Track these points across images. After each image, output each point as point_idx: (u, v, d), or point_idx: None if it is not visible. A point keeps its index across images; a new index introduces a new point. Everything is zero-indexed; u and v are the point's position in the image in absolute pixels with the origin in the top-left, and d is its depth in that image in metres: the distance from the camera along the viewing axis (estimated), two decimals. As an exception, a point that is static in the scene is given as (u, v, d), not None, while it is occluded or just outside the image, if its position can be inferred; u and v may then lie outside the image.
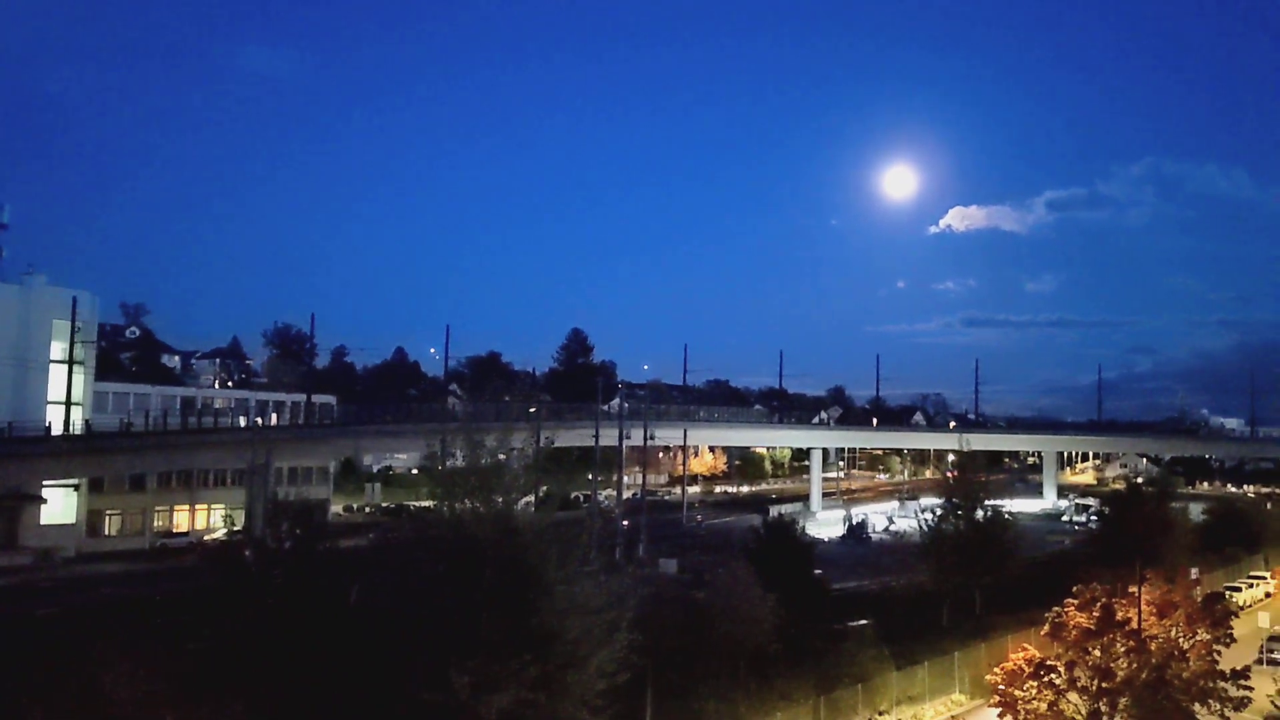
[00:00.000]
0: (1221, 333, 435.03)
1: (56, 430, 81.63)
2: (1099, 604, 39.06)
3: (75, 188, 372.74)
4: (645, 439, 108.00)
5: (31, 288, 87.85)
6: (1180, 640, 39.09)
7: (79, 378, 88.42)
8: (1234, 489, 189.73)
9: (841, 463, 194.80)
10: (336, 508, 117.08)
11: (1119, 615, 38.70)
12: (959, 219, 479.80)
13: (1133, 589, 40.25)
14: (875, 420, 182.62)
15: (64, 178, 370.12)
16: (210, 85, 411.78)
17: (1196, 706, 36.99)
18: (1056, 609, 41.17)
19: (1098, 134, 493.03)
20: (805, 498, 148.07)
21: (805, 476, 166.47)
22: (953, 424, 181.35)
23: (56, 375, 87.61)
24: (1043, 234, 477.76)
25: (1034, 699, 37.27)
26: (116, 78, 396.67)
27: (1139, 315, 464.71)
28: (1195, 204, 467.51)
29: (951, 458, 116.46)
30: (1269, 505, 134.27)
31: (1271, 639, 58.96)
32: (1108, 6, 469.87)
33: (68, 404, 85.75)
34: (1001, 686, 38.80)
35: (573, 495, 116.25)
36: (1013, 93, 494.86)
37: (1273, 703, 42.32)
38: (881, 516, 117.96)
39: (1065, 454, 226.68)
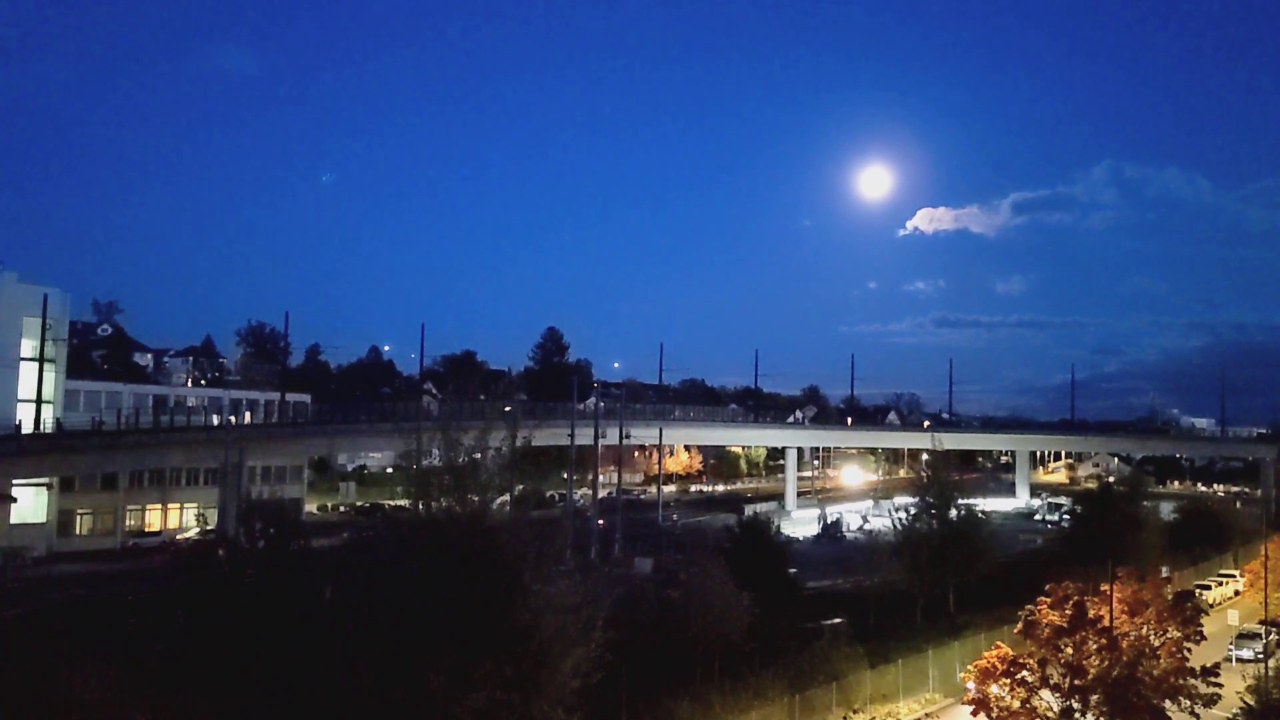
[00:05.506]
0: (1188, 334, 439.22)
1: (27, 428, 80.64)
2: (1071, 602, 39.34)
3: (47, 185, 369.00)
4: (621, 438, 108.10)
5: (2, 284, 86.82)
6: (1151, 638, 39.38)
7: (50, 375, 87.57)
8: (1204, 488, 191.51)
9: (816, 462, 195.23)
10: (311, 507, 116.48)
11: (1091, 613, 38.98)
12: (927, 221, 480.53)
13: (1104, 587, 40.52)
14: (850, 420, 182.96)
15: (35, 175, 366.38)
16: (185, 83, 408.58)
17: (1167, 703, 37.26)
18: (1029, 607, 41.38)
19: (1060, 137, 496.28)
20: (780, 497, 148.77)
21: (780, 476, 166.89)
22: (926, 423, 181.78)
23: (27, 373, 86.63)
24: (1010, 236, 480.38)
25: (1007, 697, 37.53)
26: (89, 74, 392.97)
27: (1107, 316, 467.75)
28: (1156, 207, 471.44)
29: (925, 457, 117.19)
30: (1238, 504, 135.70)
31: (1241, 636, 59.66)
32: (1069, 14, 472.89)
33: (38, 402, 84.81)
34: (975, 684, 39.06)
35: (548, 494, 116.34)
36: (977, 95, 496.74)
37: (1242, 699, 42.80)
38: (856, 515, 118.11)
39: (1038, 453, 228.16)
